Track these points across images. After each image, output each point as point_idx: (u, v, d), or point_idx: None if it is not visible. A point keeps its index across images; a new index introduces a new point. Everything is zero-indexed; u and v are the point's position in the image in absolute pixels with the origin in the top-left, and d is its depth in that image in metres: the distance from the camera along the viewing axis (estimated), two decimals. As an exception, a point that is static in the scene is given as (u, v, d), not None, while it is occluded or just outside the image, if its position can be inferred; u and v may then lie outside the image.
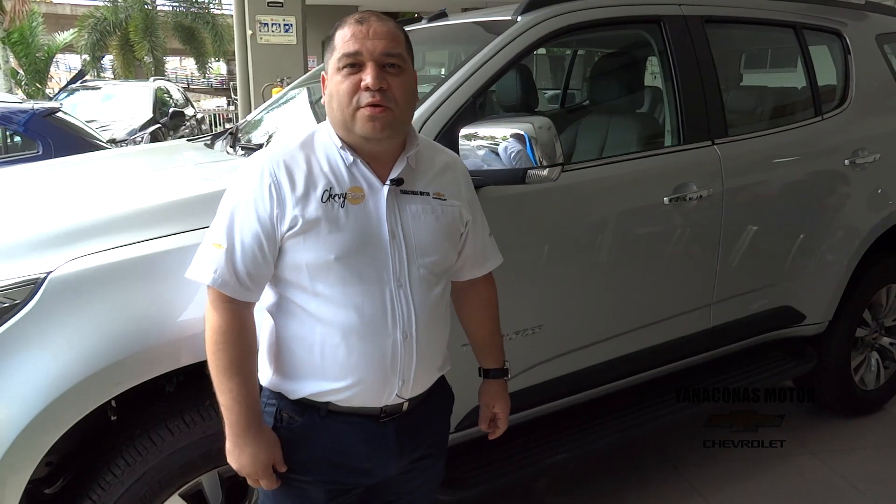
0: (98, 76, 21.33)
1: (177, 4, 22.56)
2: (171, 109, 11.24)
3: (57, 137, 5.81)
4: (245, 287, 1.42)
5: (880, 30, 3.39)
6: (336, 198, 1.42)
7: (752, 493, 2.94)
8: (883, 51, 3.35)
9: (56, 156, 5.25)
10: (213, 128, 14.98)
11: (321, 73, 1.52)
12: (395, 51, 1.43)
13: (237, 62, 10.29)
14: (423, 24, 3.17)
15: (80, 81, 13.23)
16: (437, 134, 2.14)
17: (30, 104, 6.39)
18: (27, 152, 5.76)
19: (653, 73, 3.32)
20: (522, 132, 1.98)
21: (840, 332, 3.25)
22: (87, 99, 11.46)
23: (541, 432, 2.52)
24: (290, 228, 1.40)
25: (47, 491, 1.93)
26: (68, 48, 21.00)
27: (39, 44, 16.98)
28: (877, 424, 3.47)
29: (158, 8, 22.85)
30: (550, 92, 6.42)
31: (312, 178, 1.43)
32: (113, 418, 1.91)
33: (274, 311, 1.50)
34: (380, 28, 1.43)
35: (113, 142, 8.16)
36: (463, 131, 2.07)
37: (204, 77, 30.78)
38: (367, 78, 1.39)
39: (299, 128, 1.51)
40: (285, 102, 3.26)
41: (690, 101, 2.69)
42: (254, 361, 1.48)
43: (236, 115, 12.68)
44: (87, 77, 15.06)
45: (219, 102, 22.40)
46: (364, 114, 1.40)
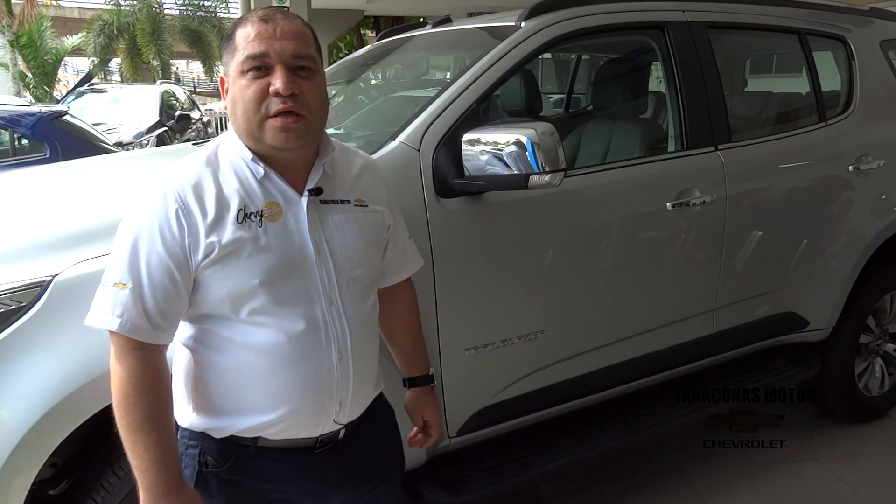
0: (106, 79, 21.44)
1: (184, 8, 22.65)
2: (177, 113, 11.30)
3: (64, 140, 5.84)
4: (158, 329, 1.27)
5: (885, 36, 3.39)
6: (252, 216, 1.29)
7: (756, 499, 2.93)
8: (887, 57, 3.35)
9: (63, 159, 5.28)
10: (218, 131, 15.02)
11: (220, 75, 1.39)
12: (305, 52, 1.30)
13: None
14: (429, 30, 3.18)
15: (87, 84, 13.30)
16: (441, 139, 2.15)
17: (37, 107, 6.43)
18: (34, 155, 5.79)
19: (657, 78, 3.33)
20: (525, 138, 1.98)
21: (844, 338, 3.23)
22: (95, 102, 11.54)
23: (543, 437, 2.52)
24: (206, 257, 1.26)
25: (51, 492, 1.93)
26: (76, 51, 21.09)
27: (47, 47, 17.05)
28: (881, 431, 3.46)
29: (165, 11, 22.94)
30: (555, 96, 6.43)
31: (223, 198, 1.29)
32: (117, 420, 1.91)
33: (191, 344, 1.36)
34: (288, 27, 1.30)
35: (119, 145, 8.20)
36: (466, 136, 2.07)
37: (211, 80, 30.89)
38: (278, 83, 1.26)
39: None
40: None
41: (694, 107, 2.69)
42: (170, 412, 1.32)
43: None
44: (94, 80, 15.16)
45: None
46: (275, 124, 1.27)
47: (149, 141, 9.63)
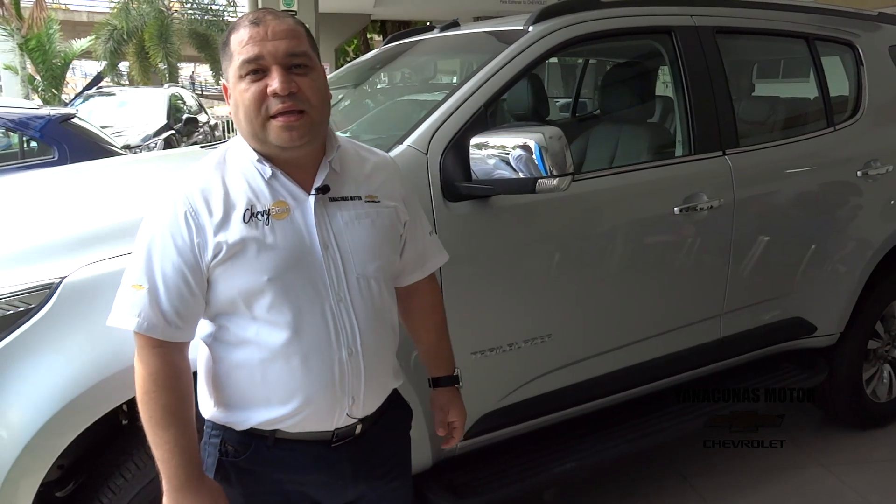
0: (116, 83, 21.54)
1: (191, 12, 22.74)
2: (184, 116, 11.34)
3: (72, 143, 5.87)
4: (174, 327, 1.32)
5: (893, 41, 3.37)
6: (259, 215, 1.32)
7: (762, 505, 2.92)
8: (896, 62, 3.34)
9: (71, 161, 5.30)
10: (226, 134, 15.07)
11: (222, 82, 1.42)
12: (299, 49, 1.32)
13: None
14: (436, 34, 3.19)
15: (95, 88, 13.36)
16: (448, 142, 2.15)
17: (46, 110, 6.46)
18: (43, 157, 5.82)
19: (664, 82, 3.33)
20: (533, 142, 1.98)
21: (852, 343, 3.22)
22: (103, 105, 11.59)
23: (550, 441, 2.52)
24: (214, 256, 1.30)
25: (59, 494, 1.94)
26: (86, 54, 21.20)
27: (56, 50, 17.13)
28: (889, 437, 3.44)
29: (174, 15, 23.04)
30: (562, 100, 6.43)
31: (230, 199, 1.33)
32: (124, 422, 1.92)
33: (210, 341, 1.41)
34: (279, 26, 1.31)
35: (127, 147, 8.24)
36: (474, 140, 2.07)
37: (217, 83, 30.98)
38: (274, 83, 1.28)
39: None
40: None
41: (701, 112, 2.69)
42: (191, 407, 1.37)
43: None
44: (102, 83, 15.22)
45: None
46: (277, 124, 1.30)
47: (156, 144, 9.66)
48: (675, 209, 2.55)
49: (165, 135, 10.09)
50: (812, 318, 3.09)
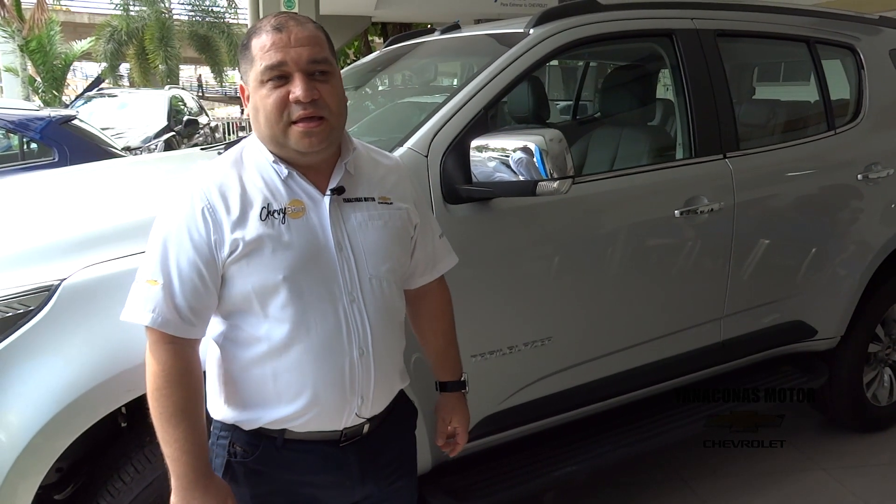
0: (116, 84, 21.57)
1: (192, 14, 22.78)
2: (185, 118, 11.35)
3: (73, 144, 5.88)
4: (188, 323, 1.32)
5: (894, 45, 3.37)
6: (275, 214, 1.34)
7: (763, 509, 2.91)
8: (897, 65, 3.34)
9: (71, 163, 5.30)
10: (226, 136, 15.08)
11: (239, 83, 1.43)
12: (321, 56, 1.33)
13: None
14: (437, 36, 3.19)
15: (96, 89, 13.37)
16: (449, 145, 2.15)
17: (46, 111, 6.46)
18: (43, 159, 5.83)
19: (665, 85, 3.33)
20: (533, 144, 1.98)
21: (852, 347, 3.22)
22: (103, 106, 11.60)
23: (549, 444, 2.51)
24: (231, 253, 1.31)
25: (57, 497, 1.93)
26: (86, 56, 21.22)
27: (57, 52, 17.14)
28: (890, 441, 3.43)
29: (175, 17, 23.07)
30: (563, 103, 6.43)
31: (247, 197, 1.34)
32: (123, 425, 1.92)
33: (221, 340, 1.42)
34: (301, 33, 1.33)
35: (128, 149, 8.24)
36: (474, 143, 2.07)
37: (220, 85, 31.04)
38: (297, 91, 1.30)
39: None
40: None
41: (702, 115, 2.69)
42: (201, 405, 1.38)
43: (249, 123, 12.76)
44: (103, 85, 15.24)
45: (232, 111, 22.59)
46: (298, 130, 1.32)
47: (157, 145, 9.67)
48: (675, 212, 2.55)
49: (166, 136, 10.09)
50: (812, 321, 3.08)
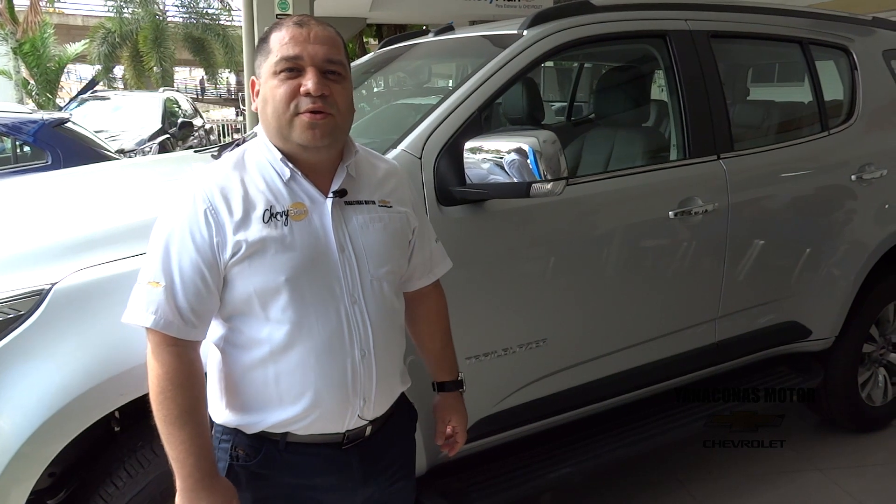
0: (110, 87, 21.52)
1: (187, 16, 22.75)
2: (179, 120, 11.33)
3: (66, 147, 5.85)
4: (190, 325, 1.32)
5: (887, 45, 3.38)
6: (278, 216, 1.34)
7: (759, 510, 2.91)
8: (890, 66, 3.35)
9: (65, 166, 5.29)
10: (221, 138, 15.06)
11: (251, 77, 1.44)
12: (336, 57, 1.36)
13: (245, 73, 10.34)
14: (431, 38, 3.18)
15: (90, 92, 13.34)
16: (443, 147, 2.15)
17: (39, 114, 6.44)
18: (36, 162, 5.81)
19: (660, 86, 3.33)
20: (527, 146, 1.97)
21: (847, 347, 3.22)
22: (97, 109, 11.57)
23: (545, 446, 2.51)
24: (233, 255, 1.31)
25: (50, 502, 1.92)
26: (80, 58, 21.18)
27: (50, 54, 17.12)
28: (885, 441, 3.44)
29: (169, 19, 23.05)
30: (557, 104, 6.44)
31: (250, 198, 1.35)
32: (116, 429, 1.91)
33: (222, 344, 1.42)
34: (321, 33, 1.36)
35: (122, 152, 8.22)
36: (468, 144, 2.07)
37: (215, 88, 31.02)
38: (309, 83, 1.32)
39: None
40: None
41: (696, 116, 2.69)
42: (205, 406, 1.38)
43: (244, 125, 12.75)
44: (97, 87, 15.21)
45: (227, 113, 22.57)
46: (303, 121, 1.33)
47: (151, 148, 9.65)
48: (669, 213, 2.55)
49: (160, 139, 10.08)
50: (807, 321, 3.09)
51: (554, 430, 2.53)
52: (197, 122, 13.12)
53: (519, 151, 1.98)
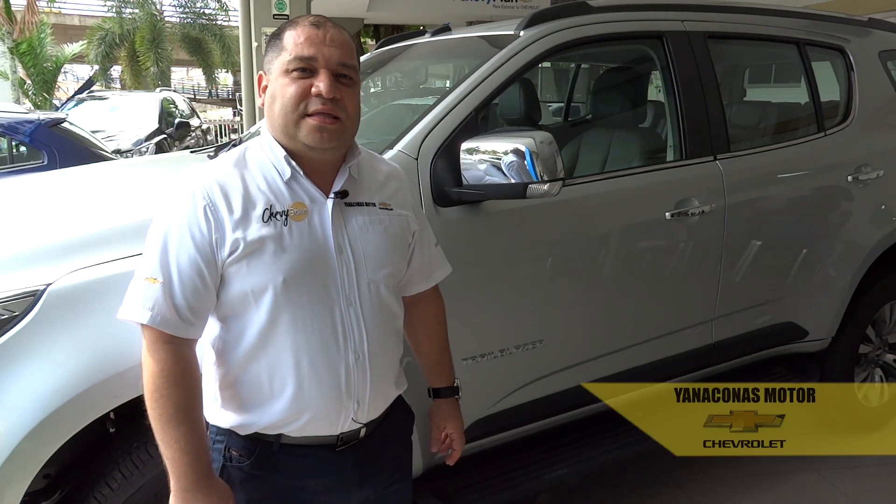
0: (107, 87, 21.50)
1: (184, 16, 22.73)
2: (176, 120, 11.32)
3: (62, 148, 5.85)
4: (187, 322, 1.31)
5: (883, 46, 3.39)
6: (278, 216, 1.33)
7: (755, 511, 2.91)
8: (886, 67, 3.35)
9: (61, 166, 5.29)
10: (218, 139, 15.05)
11: (258, 72, 1.44)
12: (350, 62, 1.37)
13: (242, 73, 10.33)
14: (428, 38, 3.18)
15: (87, 92, 13.33)
16: (439, 147, 2.14)
17: (36, 114, 6.44)
18: (32, 162, 5.80)
19: (656, 87, 3.33)
20: (523, 147, 1.97)
21: (843, 348, 3.22)
22: (94, 109, 11.56)
23: (541, 447, 2.51)
24: (231, 253, 1.30)
25: (44, 503, 1.92)
26: (77, 59, 21.15)
27: (47, 54, 17.09)
28: (880, 441, 3.44)
29: (166, 19, 23.04)
30: (554, 105, 6.45)
31: (250, 197, 1.34)
32: (111, 430, 1.90)
33: (216, 343, 1.41)
34: (337, 36, 1.36)
35: (118, 152, 8.21)
36: (464, 145, 2.06)
37: (213, 88, 30.98)
38: (321, 85, 1.32)
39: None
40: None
41: (692, 117, 2.69)
42: (201, 405, 1.36)
43: (241, 125, 12.75)
44: (94, 87, 15.20)
45: (224, 113, 22.56)
46: (312, 123, 1.33)
47: (148, 148, 9.64)
48: (666, 214, 2.55)
49: (157, 139, 10.06)
50: (804, 322, 3.09)
51: (550, 432, 2.52)
52: (194, 122, 13.11)
53: (516, 152, 1.98)
